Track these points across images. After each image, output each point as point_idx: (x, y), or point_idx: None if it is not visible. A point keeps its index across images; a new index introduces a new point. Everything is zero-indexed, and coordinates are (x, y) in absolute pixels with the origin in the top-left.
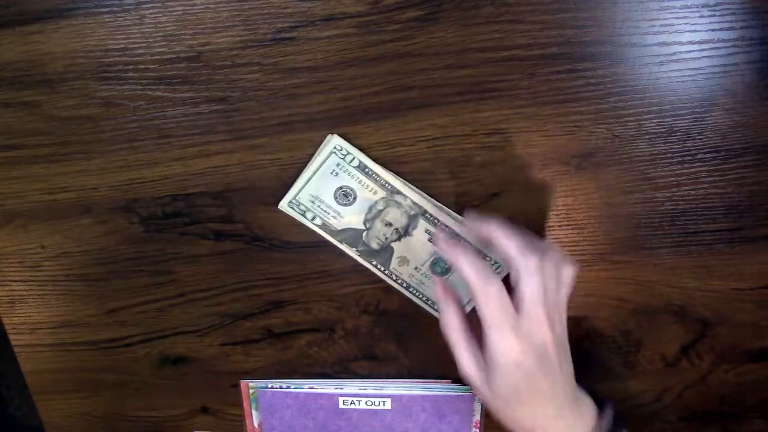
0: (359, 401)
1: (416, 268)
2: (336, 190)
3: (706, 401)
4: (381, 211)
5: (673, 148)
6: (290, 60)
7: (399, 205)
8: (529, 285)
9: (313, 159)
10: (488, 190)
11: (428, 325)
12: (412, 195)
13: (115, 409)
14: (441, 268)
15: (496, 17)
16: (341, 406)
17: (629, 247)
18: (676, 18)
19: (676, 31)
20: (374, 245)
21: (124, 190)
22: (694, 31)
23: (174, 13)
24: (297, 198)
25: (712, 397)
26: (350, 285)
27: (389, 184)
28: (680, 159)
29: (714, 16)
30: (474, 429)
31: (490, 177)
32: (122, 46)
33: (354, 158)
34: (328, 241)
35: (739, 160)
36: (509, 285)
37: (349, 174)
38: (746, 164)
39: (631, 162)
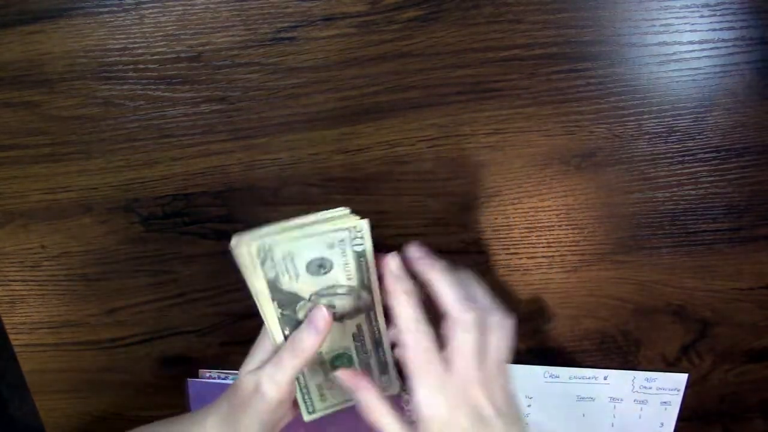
0: None
1: (320, 352)
2: (315, 258)
3: (706, 401)
4: (337, 294)
5: (673, 148)
6: (290, 60)
7: (358, 298)
8: (464, 342)
9: (317, 223)
10: (488, 190)
11: None
12: (375, 296)
13: (115, 409)
14: (341, 362)
15: (496, 17)
16: None
17: (629, 247)
18: (676, 18)
19: (676, 31)
20: (301, 316)
21: (124, 190)
22: (694, 31)
23: (174, 13)
24: (270, 248)
25: (712, 397)
26: None
27: (368, 280)
28: (680, 159)
29: (714, 16)
30: None
31: (490, 177)
32: (122, 46)
33: (362, 245)
34: None
35: (739, 160)
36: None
37: (343, 253)
38: (746, 164)
39: (631, 162)
